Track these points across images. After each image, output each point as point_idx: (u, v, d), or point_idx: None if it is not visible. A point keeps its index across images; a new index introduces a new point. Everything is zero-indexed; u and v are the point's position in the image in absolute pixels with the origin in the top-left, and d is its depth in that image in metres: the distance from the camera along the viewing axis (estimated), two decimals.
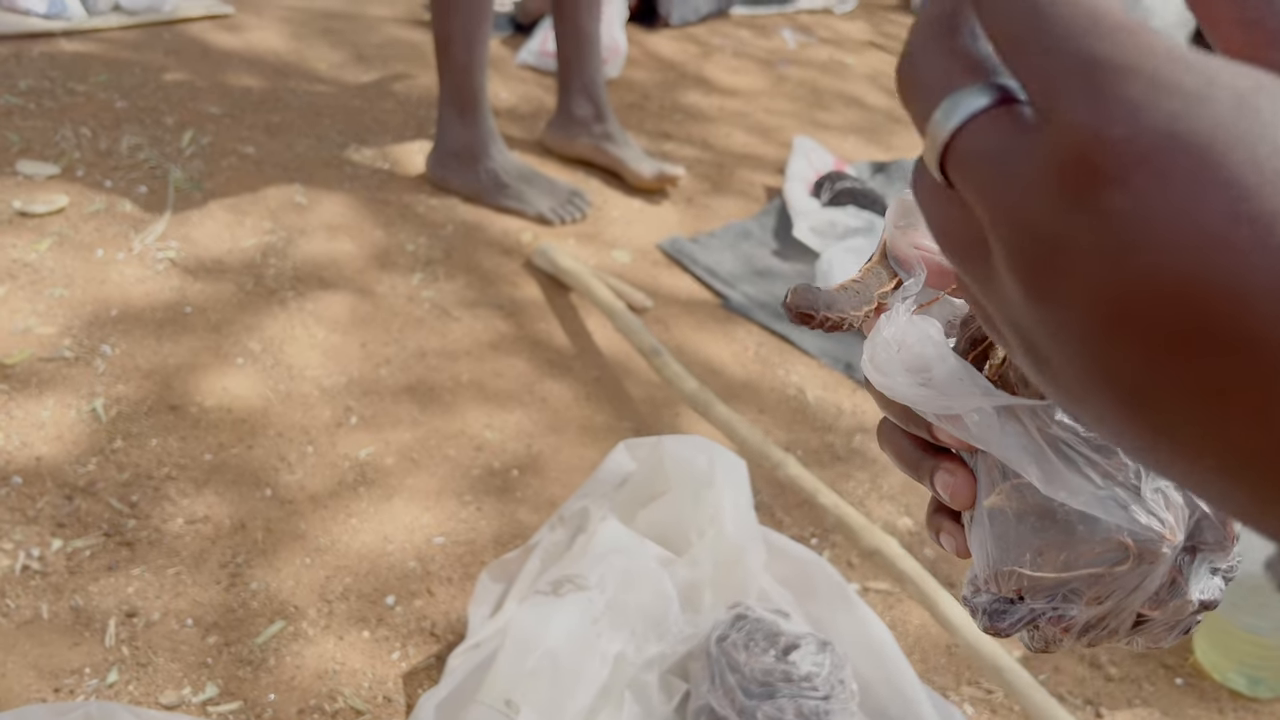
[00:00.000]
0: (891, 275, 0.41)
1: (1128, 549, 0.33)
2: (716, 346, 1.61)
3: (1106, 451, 0.33)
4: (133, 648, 0.98)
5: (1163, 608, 0.35)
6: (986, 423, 0.35)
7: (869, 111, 2.66)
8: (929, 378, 0.36)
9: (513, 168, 1.81)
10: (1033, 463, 0.34)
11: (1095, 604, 0.35)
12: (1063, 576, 0.34)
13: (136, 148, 1.74)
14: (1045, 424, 0.34)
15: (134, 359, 1.32)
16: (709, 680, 0.87)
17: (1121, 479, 0.33)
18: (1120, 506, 0.33)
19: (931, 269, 0.41)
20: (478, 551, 1.16)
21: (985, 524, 0.36)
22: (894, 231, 0.42)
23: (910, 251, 0.41)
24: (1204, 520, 0.34)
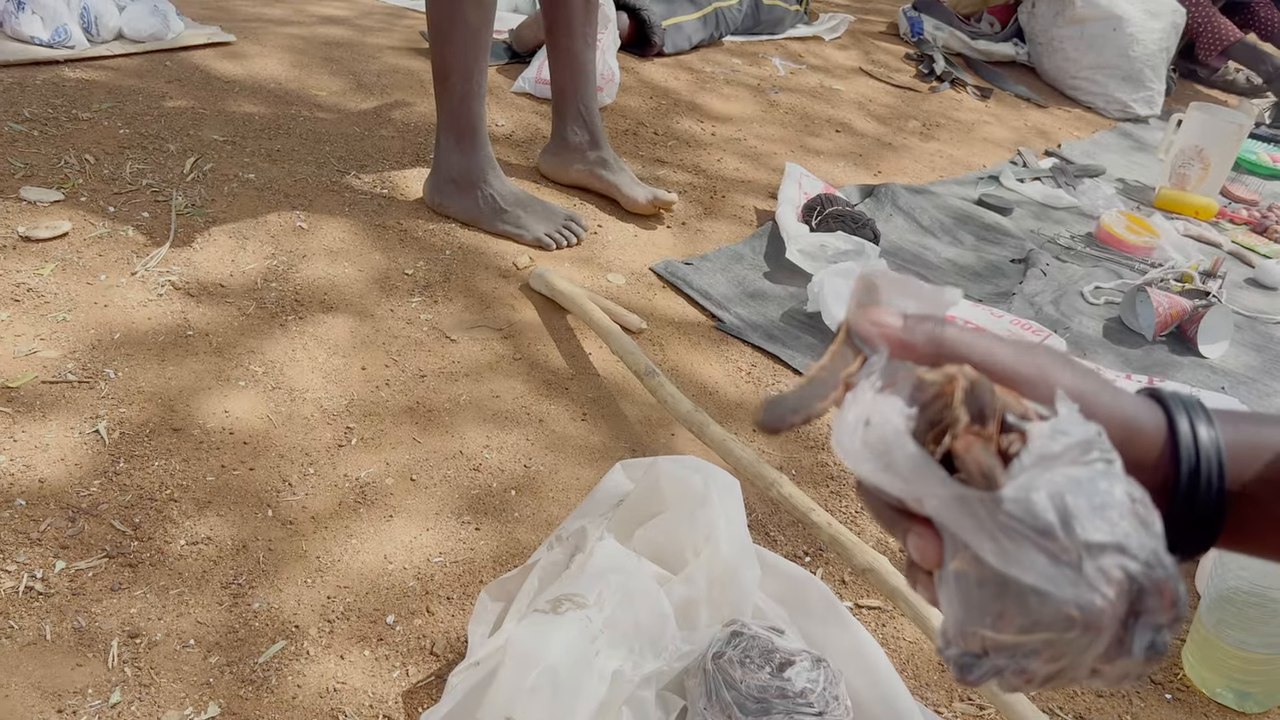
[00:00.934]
0: (856, 353, 0.43)
1: (1074, 620, 0.37)
2: (710, 367, 1.63)
3: (1050, 536, 0.37)
4: (135, 668, 0.99)
5: (1112, 663, 0.38)
6: (944, 507, 0.39)
7: (858, 137, 2.70)
8: (890, 461, 0.39)
9: (509, 193, 1.84)
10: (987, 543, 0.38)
11: (1053, 662, 0.38)
12: (1020, 640, 0.38)
13: (139, 174, 1.76)
14: (995, 512, 0.38)
15: (137, 382, 1.34)
16: (705, 697, 0.88)
17: (1066, 559, 0.37)
18: (1068, 584, 0.37)
19: (893, 343, 0.43)
20: (476, 570, 1.18)
21: (951, 585, 0.40)
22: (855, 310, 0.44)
23: (871, 329, 0.43)
24: (1145, 590, 0.37)
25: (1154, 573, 0.37)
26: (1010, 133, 3.00)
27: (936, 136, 2.83)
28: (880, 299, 0.44)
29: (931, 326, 0.43)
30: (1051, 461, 0.38)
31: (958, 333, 0.43)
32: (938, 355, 0.43)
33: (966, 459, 0.39)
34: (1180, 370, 1.87)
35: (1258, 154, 3.14)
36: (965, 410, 0.40)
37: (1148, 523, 0.38)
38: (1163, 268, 2.19)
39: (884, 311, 0.44)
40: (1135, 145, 3.16)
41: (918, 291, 0.44)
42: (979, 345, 0.43)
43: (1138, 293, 1.99)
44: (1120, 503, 0.38)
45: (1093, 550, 0.37)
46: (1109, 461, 0.39)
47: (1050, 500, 0.37)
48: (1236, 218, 2.67)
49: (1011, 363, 0.43)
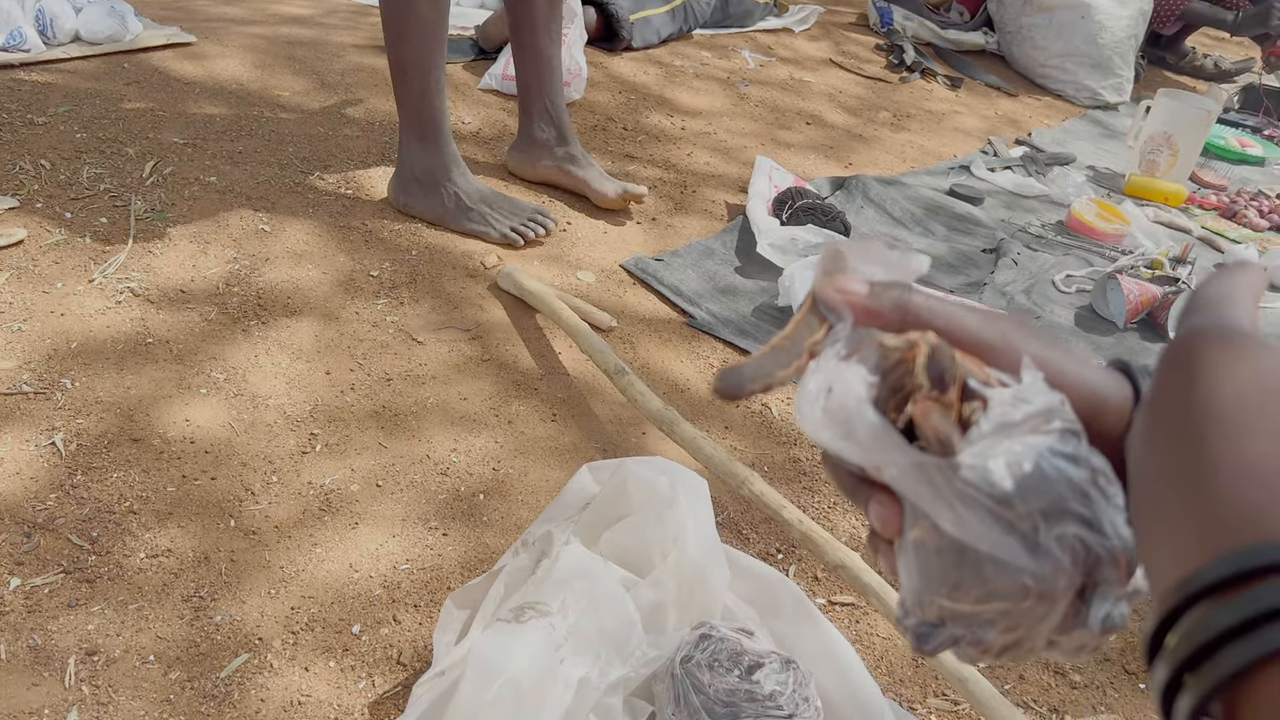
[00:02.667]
0: (821, 321, 0.42)
1: (1029, 589, 0.36)
2: (681, 364, 1.62)
3: (1006, 505, 0.36)
4: (93, 686, 0.97)
5: (1068, 634, 0.38)
6: (902, 475, 0.38)
7: (828, 129, 2.69)
8: (850, 430, 0.38)
9: (475, 191, 1.82)
10: (945, 511, 0.37)
11: (1008, 632, 0.38)
12: (976, 609, 0.38)
13: (97, 178, 1.73)
14: (952, 479, 0.37)
15: (95, 391, 1.31)
16: (673, 702, 0.87)
17: (1022, 528, 0.36)
18: (1023, 553, 0.36)
19: (858, 310, 0.42)
20: (444, 577, 1.16)
21: (910, 554, 0.39)
22: (821, 279, 0.43)
23: (836, 297, 0.42)
24: (1101, 560, 0.37)
25: (1111, 543, 0.37)
26: (981, 122, 3.00)
27: (907, 127, 2.83)
28: (847, 267, 0.43)
29: (898, 293, 0.43)
30: (1012, 429, 0.37)
31: (924, 299, 0.42)
32: (903, 322, 0.42)
33: (924, 425, 0.38)
34: (1151, 357, 1.87)
35: (1226, 139, 3.15)
36: (926, 376, 0.39)
37: (1108, 494, 0.38)
38: (1133, 255, 2.19)
39: (850, 279, 0.43)
40: (1105, 132, 3.17)
41: (884, 258, 0.44)
42: (945, 312, 0.42)
43: (1108, 280, 1.99)
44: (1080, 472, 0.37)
45: (1048, 518, 0.36)
46: (1072, 431, 0.38)
47: (1008, 468, 0.36)
48: (1206, 203, 2.68)
49: (977, 330, 0.42)
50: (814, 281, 0.43)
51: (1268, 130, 3.40)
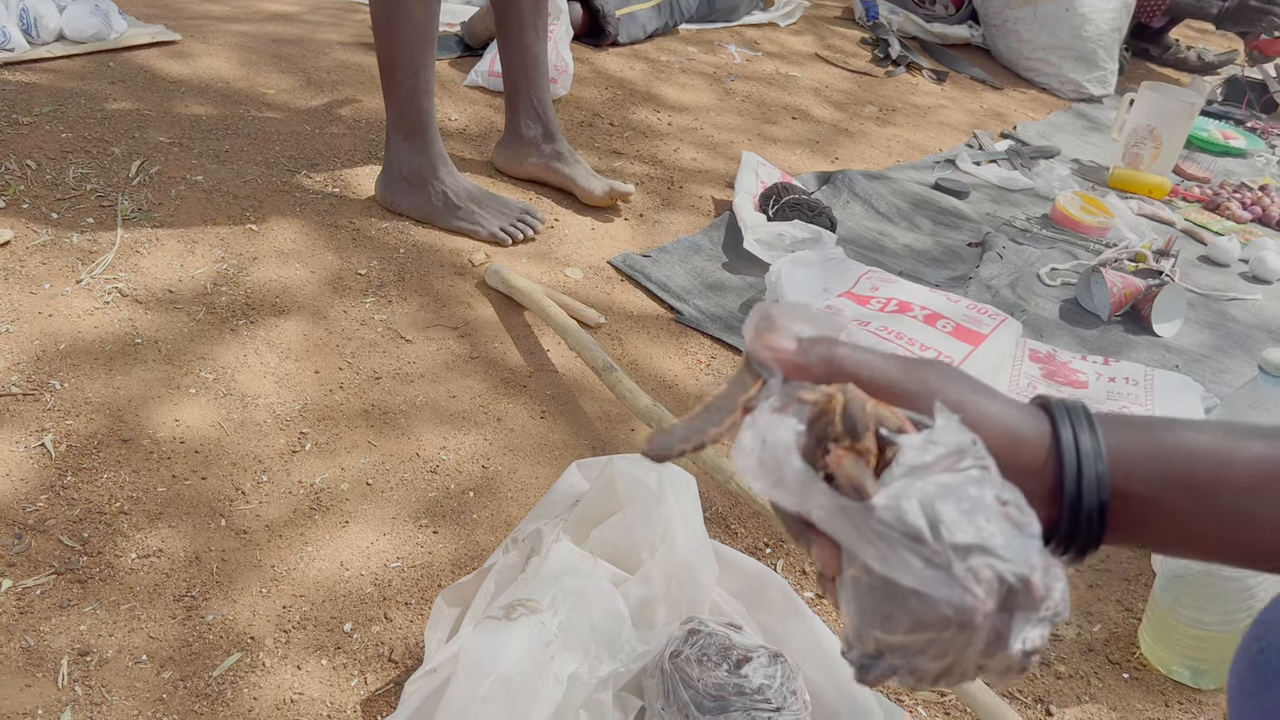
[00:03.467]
0: (755, 379, 0.46)
1: (950, 619, 0.40)
2: (670, 360, 1.63)
3: (921, 541, 0.40)
4: (86, 687, 0.98)
5: (993, 658, 0.41)
6: (827, 517, 0.42)
7: (815, 123, 2.70)
8: (781, 478, 0.42)
9: (463, 189, 1.82)
10: (868, 549, 0.41)
11: (938, 659, 0.41)
12: (906, 640, 0.41)
13: (83, 179, 1.72)
14: (869, 520, 0.41)
15: (84, 392, 1.31)
16: (663, 697, 0.88)
17: (937, 562, 0.40)
18: (941, 584, 0.40)
19: (787, 366, 0.46)
20: (435, 575, 1.17)
21: (848, 591, 0.43)
22: (752, 338, 0.47)
23: (766, 354, 0.46)
24: (1014, 588, 0.40)
25: (1021, 571, 0.40)
26: (966, 116, 3.02)
27: (893, 121, 2.84)
28: (777, 326, 0.47)
29: (824, 348, 0.46)
30: (924, 470, 0.41)
31: (849, 352, 0.46)
32: (830, 374, 0.46)
33: (837, 473, 0.42)
34: (1135, 350, 1.89)
35: (1209, 131, 3.18)
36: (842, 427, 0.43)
37: (1020, 524, 0.41)
38: (1117, 248, 2.21)
39: (779, 337, 0.47)
40: (1089, 125, 3.19)
41: (812, 317, 0.48)
42: (868, 362, 0.46)
43: (1092, 273, 2.01)
44: (989, 506, 0.41)
45: (960, 552, 0.39)
46: (983, 468, 0.42)
47: (920, 507, 0.40)
48: (1189, 195, 2.70)
49: (898, 378, 0.46)
50: (746, 342, 0.47)
51: (1250, 122, 3.43)
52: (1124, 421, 0.48)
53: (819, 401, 0.44)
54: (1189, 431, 0.48)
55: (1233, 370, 1.88)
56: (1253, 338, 2.03)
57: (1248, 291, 2.22)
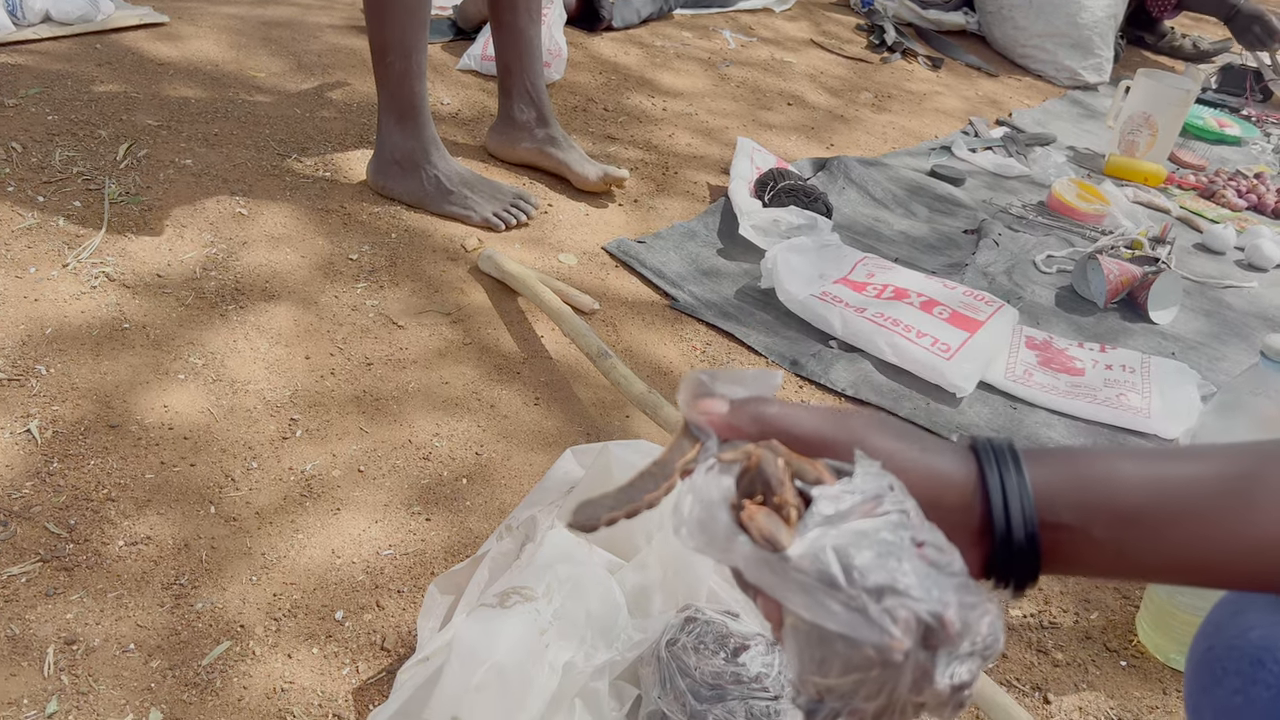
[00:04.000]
0: (693, 442, 0.49)
1: (873, 660, 0.41)
2: (664, 347, 1.61)
3: (836, 586, 0.42)
4: (73, 676, 0.96)
5: (923, 694, 0.43)
6: (750, 569, 0.43)
7: (810, 109, 2.69)
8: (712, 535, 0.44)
9: (455, 173, 1.80)
10: (793, 597, 0.42)
11: (872, 699, 0.42)
12: (840, 682, 0.42)
13: (70, 161, 1.70)
14: (787, 569, 0.42)
15: (70, 378, 1.29)
16: (659, 685, 0.87)
17: (855, 605, 0.41)
18: (862, 627, 0.41)
19: (720, 428, 0.49)
20: (427, 562, 1.15)
21: (789, 639, 0.44)
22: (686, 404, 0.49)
23: (700, 418, 0.49)
24: (931, 625, 0.42)
25: (935, 609, 0.41)
26: (962, 102, 3.00)
27: (888, 108, 2.83)
28: (710, 390, 0.50)
29: (754, 407, 0.49)
30: (839, 518, 0.43)
31: (778, 409, 0.49)
32: (762, 432, 0.48)
33: (750, 528, 0.43)
34: (1132, 337, 1.88)
35: (1204, 119, 3.17)
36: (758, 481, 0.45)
37: (939, 564, 0.43)
38: (1113, 235, 2.20)
39: (712, 401, 0.49)
40: (1085, 113, 3.18)
41: (744, 379, 0.50)
42: (795, 417, 0.49)
43: (1089, 260, 2.00)
44: (904, 548, 0.42)
45: (874, 594, 0.41)
46: (901, 511, 0.43)
47: (835, 554, 0.42)
48: (1185, 183, 2.69)
49: (825, 430, 0.48)
50: (681, 407, 0.50)
51: (1245, 110, 3.42)
52: (1050, 456, 0.50)
53: (739, 459, 0.46)
54: (1116, 460, 0.49)
55: (1229, 357, 1.88)
56: (1248, 325, 2.02)
57: (1243, 279, 2.21)
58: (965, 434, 1.53)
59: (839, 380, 1.59)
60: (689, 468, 0.48)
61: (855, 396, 1.57)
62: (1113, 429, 1.60)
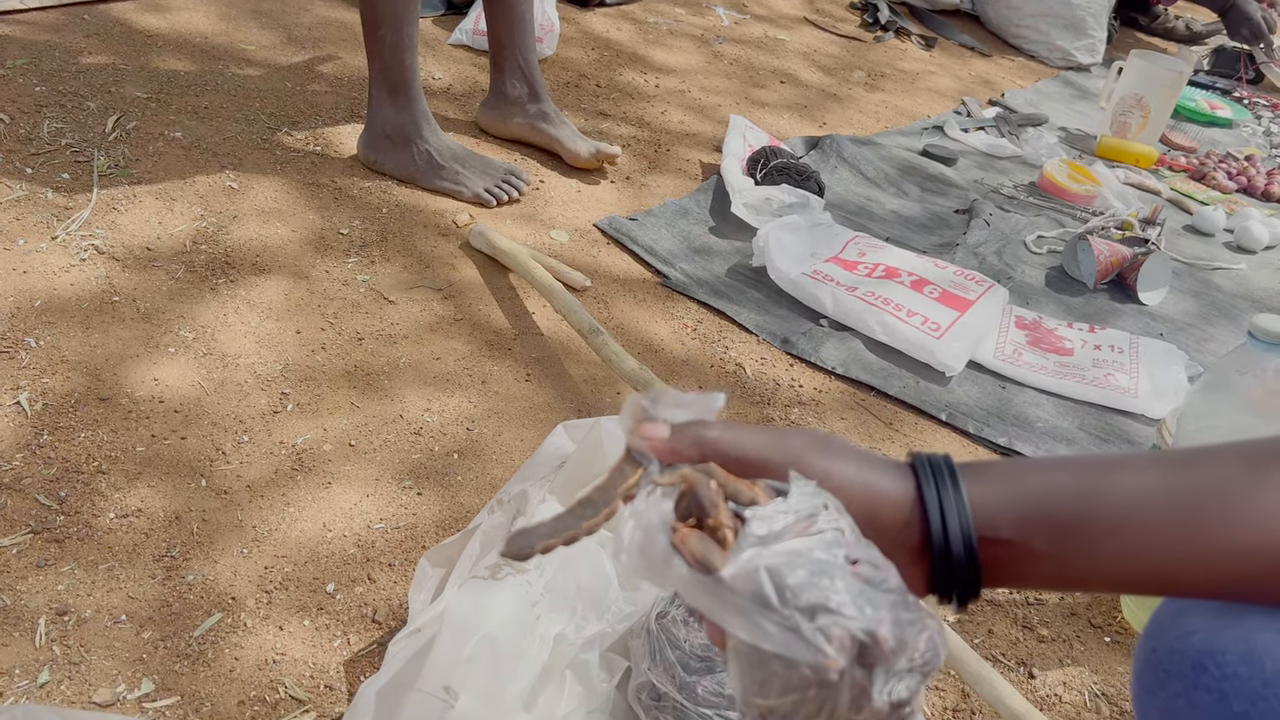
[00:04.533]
0: (636, 467, 0.48)
1: (809, 679, 0.41)
2: (656, 324, 1.61)
3: (770, 607, 0.42)
4: (64, 646, 0.97)
5: (863, 713, 0.43)
6: (686, 591, 0.44)
7: (803, 88, 2.68)
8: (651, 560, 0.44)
9: (447, 149, 1.80)
10: (728, 619, 0.43)
11: (813, 718, 0.42)
12: (780, 702, 0.43)
13: (58, 133, 1.69)
14: (720, 591, 0.42)
15: (60, 350, 1.29)
16: (649, 657, 0.87)
17: (788, 625, 0.41)
18: (797, 646, 0.41)
19: (661, 452, 0.49)
20: (419, 536, 1.16)
21: (731, 661, 0.44)
22: (628, 429, 0.49)
23: (642, 444, 0.49)
24: (866, 643, 0.42)
25: (869, 627, 0.41)
26: (955, 82, 3.00)
27: (881, 87, 2.82)
28: (651, 415, 0.50)
29: (695, 431, 0.49)
30: (773, 539, 0.43)
31: (718, 433, 0.49)
32: (702, 455, 0.48)
33: (682, 550, 0.43)
34: (1120, 317, 1.89)
35: (1196, 101, 3.17)
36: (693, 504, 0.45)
37: (874, 580, 0.43)
38: (1103, 216, 2.20)
39: (653, 426, 0.49)
40: (1077, 94, 3.18)
41: (685, 402, 0.50)
42: (735, 440, 0.49)
43: (1079, 241, 2.01)
44: (838, 567, 0.42)
45: (806, 613, 0.41)
46: (836, 529, 0.43)
47: (767, 574, 0.42)
48: (1176, 165, 2.70)
49: (764, 451, 0.48)
50: (623, 433, 0.50)
51: (1237, 93, 3.42)
52: (988, 470, 0.50)
53: (676, 484, 0.46)
54: (1053, 473, 0.50)
55: (1216, 339, 1.89)
56: (1236, 307, 2.03)
57: (1232, 261, 2.22)
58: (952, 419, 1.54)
59: (829, 359, 1.59)
60: (631, 493, 0.48)
61: (845, 374, 1.57)
62: (1100, 408, 1.61)
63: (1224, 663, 0.46)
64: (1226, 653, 0.46)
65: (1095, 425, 1.57)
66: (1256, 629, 0.46)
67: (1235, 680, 0.46)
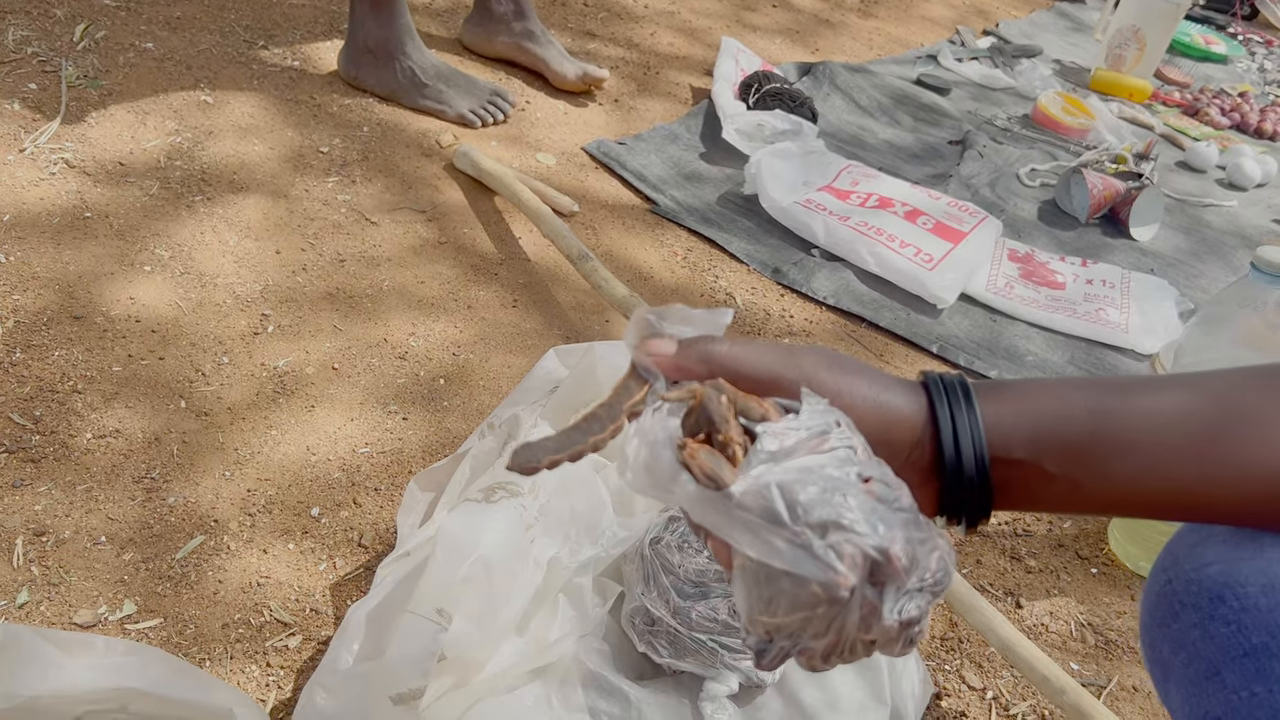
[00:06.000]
0: (641, 384, 0.48)
1: (819, 596, 0.41)
2: (645, 251, 1.58)
3: (780, 523, 0.41)
4: (43, 567, 0.94)
5: (872, 631, 0.42)
6: (693, 508, 0.43)
7: (796, 13, 2.61)
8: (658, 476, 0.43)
9: (430, 66, 1.74)
10: (736, 535, 0.42)
11: (820, 637, 0.43)
12: (789, 620, 0.42)
13: (24, 41, 1.61)
14: (730, 508, 0.42)
15: (31, 267, 1.25)
16: (643, 582, 0.86)
17: (799, 542, 0.41)
18: (808, 563, 0.40)
19: (668, 368, 0.48)
20: (405, 461, 1.14)
21: (737, 580, 0.44)
22: (634, 345, 0.49)
23: (648, 360, 0.48)
24: (877, 561, 0.41)
25: (881, 544, 0.41)
26: (949, 10, 2.94)
27: (875, 14, 2.76)
28: (657, 330, 0.49)
29: (703, 346, 0.48)
30: (784, 455, 0.42)
31: (726, 348, 0.48)
32: (710, 371, 0.47)
33: (691, 466, 0.42)
34: (1112, 252, 1.88)
35: (1191, 36, 3.13)
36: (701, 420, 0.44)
37: (886, 499, 0.42)
38: (1097, 150, 2.18)
39: (659, 341, 0.48)
40: (1072, 26, 3.12)
41: (692, 318, 0.49)
42: (745, 356, 0.48)
43: (1072, 175, 1.98)
44: (850, 484, 0.41)
45: (818, 530, 0.40)
46: (848, 447, 0.43)
47: (779, 490, 0.41)
48: (1169, 100, 2.67)
49: (774, 367, 0.47)
50: (628, 348, 0.49)
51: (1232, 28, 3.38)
52: (1001, 390, 0.49)
53: (684, 399, 0.45)
54: (1067, 393, 0.48)
55: (1206, 275, 1.88)
56: (1226, 244, 2.02)
57: (1223, 198, 2.21)
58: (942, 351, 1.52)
59: (820, 289, 1.57)
60: (636, 410, 0.47)
61: (836, 305, 1.55)
62: (1091, 343, 1.60)
63: (1243, 594, 0.45)
64: (1246, 584, 0.45)
65: (1086, 359, 1.56)
66: (1277, 560, 0.45)
67: (1255, 612, 0.44)
